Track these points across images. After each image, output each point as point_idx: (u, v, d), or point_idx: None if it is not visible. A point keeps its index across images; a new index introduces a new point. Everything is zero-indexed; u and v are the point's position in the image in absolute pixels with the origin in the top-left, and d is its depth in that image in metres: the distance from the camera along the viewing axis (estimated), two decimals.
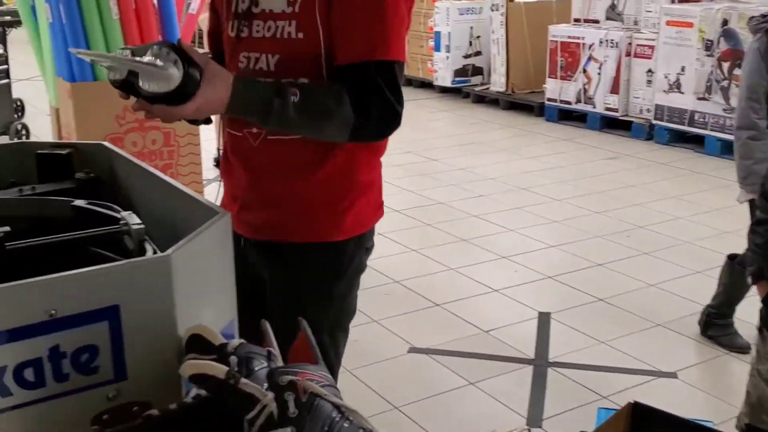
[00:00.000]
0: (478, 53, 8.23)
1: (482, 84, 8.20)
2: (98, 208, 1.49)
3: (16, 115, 6.62)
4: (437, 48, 8.24)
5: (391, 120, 1.51)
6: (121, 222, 1.46)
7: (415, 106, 8.21)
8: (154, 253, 1.39)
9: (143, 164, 1.69)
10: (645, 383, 2.99)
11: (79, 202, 1.50)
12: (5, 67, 6.36)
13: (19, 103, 6.84)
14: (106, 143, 1.78)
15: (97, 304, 1.11)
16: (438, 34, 8.18)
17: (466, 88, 8.23)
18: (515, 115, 7.59)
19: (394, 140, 1.62)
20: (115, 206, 1.49)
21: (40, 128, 6.63)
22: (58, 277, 1.11)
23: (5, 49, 6.37)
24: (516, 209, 4.96)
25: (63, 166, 1.76)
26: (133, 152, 3.77)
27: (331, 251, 1.66)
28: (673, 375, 3.05)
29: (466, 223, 4.73)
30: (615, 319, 3.51)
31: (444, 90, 8.43)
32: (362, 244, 1.71)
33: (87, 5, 3.52)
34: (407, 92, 8.57)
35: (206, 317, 1.29)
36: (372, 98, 1.48)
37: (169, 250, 1.19)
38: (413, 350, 3.25)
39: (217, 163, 3.04)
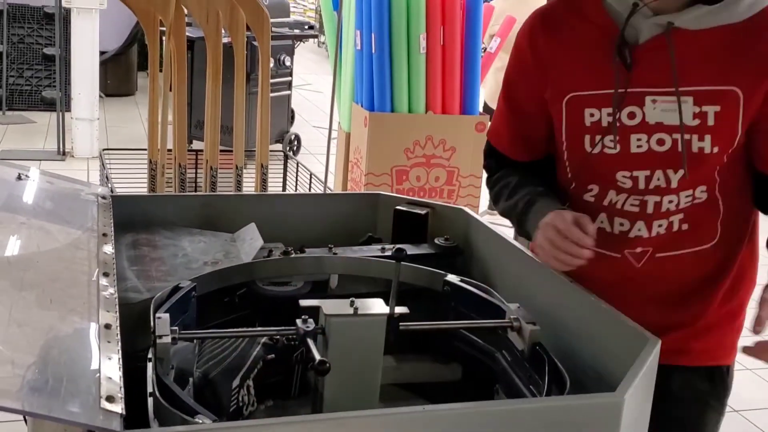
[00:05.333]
0: None
1: None
2: (472, 288, 1.39)
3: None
4: None
5: None
6: (512, 317, 1.31)
7: None
8: (554, 365, 1.18)
9: (509, 239, 1.54)
10: None
11: (452, 278, 1.42)
12: (289, 79, 6.65)
13: (291, 114, 7.13)
14: (465, 208, 1.68)
15: None
16: None
17: None
18: None
19: None
20: (493, 291, 1.37)
21: (308, 140, 6.91)
22: (511, 408, 0.96)
23: (291, 62, 6.65)
24: None
25: (419, 227, 1.70)
26: (415, 186, 3.74)
27: (720, 375, 1.41)
28: None
29: None
30: None
31: None
32: None
33: (397, 37, 3.56)
34: None
35: None
36: None
37: (623, 390, 0.98)
38: None
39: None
